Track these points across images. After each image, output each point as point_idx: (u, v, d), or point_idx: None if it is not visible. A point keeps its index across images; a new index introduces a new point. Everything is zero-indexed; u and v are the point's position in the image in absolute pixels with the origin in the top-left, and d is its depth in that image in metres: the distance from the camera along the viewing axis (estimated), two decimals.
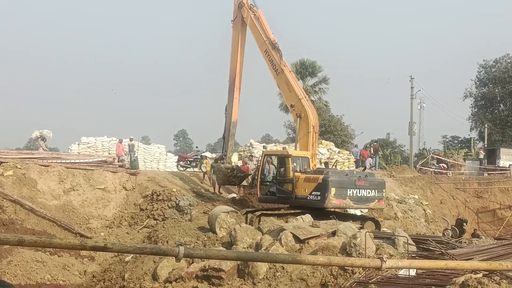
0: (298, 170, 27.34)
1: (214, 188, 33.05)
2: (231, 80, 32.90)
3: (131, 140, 39.81)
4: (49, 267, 24.21)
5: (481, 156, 54.45)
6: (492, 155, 51.68)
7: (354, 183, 25.99)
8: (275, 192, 28.17)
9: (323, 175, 26.04)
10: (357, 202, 26.09)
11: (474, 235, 33.12)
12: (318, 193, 25.86)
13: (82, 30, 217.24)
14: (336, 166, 35.19)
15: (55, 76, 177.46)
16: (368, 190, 26.23)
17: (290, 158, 27.98)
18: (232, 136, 32.24)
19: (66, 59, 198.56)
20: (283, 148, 32.90)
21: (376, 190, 26.52)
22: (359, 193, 26.03)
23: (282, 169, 28.17)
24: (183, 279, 21.27)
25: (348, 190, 25.80)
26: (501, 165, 48.88)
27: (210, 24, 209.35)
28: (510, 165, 49.03)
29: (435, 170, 47.66)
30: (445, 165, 48.96)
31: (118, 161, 37.43)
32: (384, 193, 27.36)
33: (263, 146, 40.43)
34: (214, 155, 41.11)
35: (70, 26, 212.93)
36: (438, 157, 51.22)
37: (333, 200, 25.56)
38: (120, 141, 39.76)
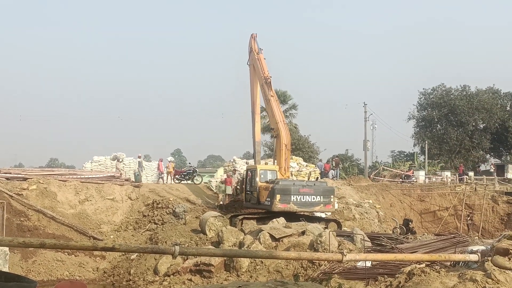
0: (265, 181, 27.53)
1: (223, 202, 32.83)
2: (252, 109, 33.08)
3: (139, 157, 39.83)
4: (67, 265, 24.07)
5: (492, 171, 56.44)
6: (501, 169, 54.69)
7: (298, 190, 26.07)
8: (250, 199, 28.48)
9: (272, 184, 26.29)
10: (301, 206, 26.16)
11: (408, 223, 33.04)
12: (269, 199, 26.11)
13: (93, 70, 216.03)
14: (309, 177, 35.47)
15: (72, 108, 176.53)
16: (312, 196, 26.26)
17: (256, 171, 28.39)
18: (258, 153, 32.09)
19: (83, 95, 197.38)
20: (265, 163, 32.94)
21: (322, 196, 26.50)
22: (303, 199, 26.10)
23: (252, 180, 28.46)
24: (179, 273, 21.25)
25: (292, 196, 25.90)
26: (509, 177, 51.22)
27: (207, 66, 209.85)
28: None
29: (404, 180, 47.72)
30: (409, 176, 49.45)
31: (160, 177, 38.24)
32: (332, 199, 27.18)
33: (246, 162, 40.47)
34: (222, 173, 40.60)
35: (80, 71, 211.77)
36: (406, 173, 51.34)
37: (278, 205, 25.78)
38: (161, 160, 39.96)
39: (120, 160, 39.38)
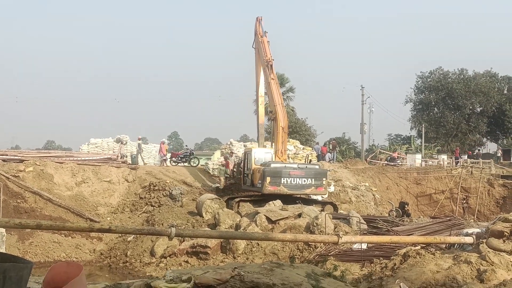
0: (260, 164, 27.56)
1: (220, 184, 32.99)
2: (256, 91, 33.25)
3: (139, 139, 39.73)
4: (64, 247, 24.11)
5: (499, 155, 57.88)
6: (507, 153, 55.38)
7: (289, 173, 26.12)
8: (247, 182, 28.56)
9: (264, 167, 26.35)
10: (291, 189, 26.15)
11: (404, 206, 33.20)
12: (260, 181, 26.19)
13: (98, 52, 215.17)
14: (307, 160, 35.46)
15: (67, 88, 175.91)
16: (303, 179, 26.28)
17: (251, 153, 28.44)
18: (261, 136, 32.16)
19: (83, 75, 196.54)
20: (265, 146, 32.96)
21: (313, 179, 26.49)
22: (294, 181, 26.12)
23: (248, 163, 28.50)
24: (176, 255, 21.31)
25: (282, 178, 25.95)
26: None
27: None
28: None
29: (388, 163, 47.89)
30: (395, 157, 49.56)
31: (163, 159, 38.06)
32: (323, 182, 27.03)
33: (244, 145, 40.48)
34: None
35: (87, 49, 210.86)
36: (392, 155, 51.41)
37: (268, 187, 25.90)
38: (162, 142, 39.95)
39: (124, 142, 39.33)
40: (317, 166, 28.90)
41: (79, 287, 3.68)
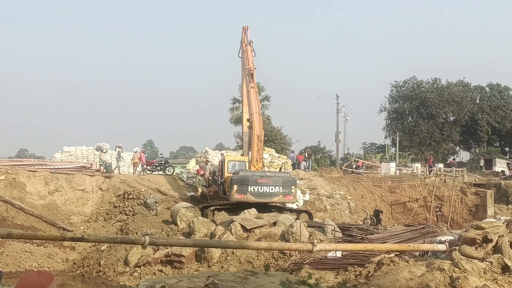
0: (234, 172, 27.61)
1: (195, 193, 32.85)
2: (242, 100, 33.57)
3: (119, 147, 39.36)
4: (36, 257, 23.70)
5: (481, 164, 58.51)
6: (489, 163, 56.48)
7: (256, 181, 26.19)
8: (221, 190, 28.64)
9: (232, 175, 26.45)
10: (258, 197, 26.18)
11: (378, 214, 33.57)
12: (229, 189, 26.30)
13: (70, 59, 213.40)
14: (282, 169, 35.50)
15: (42, 99, 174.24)
16: (271, 187, 26.31)
17: (225, 162, 28.49)
18: (245, 144, 31.95)
19: (55, 85, 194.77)
20: (240, 155, 32.93)
21: (281, 187, 26.51)
22: (261, 189, 26.18)
23: (222, 172, 28.55)
24: (150, 264, 21.14)
25: (249, 187, 26.06)
26: (496, 170, 53.49)
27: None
28: (502, 170, 53.49)
29: (353, 171, 48.29)
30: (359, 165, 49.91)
31: (143, 170, 37.63)
32: (292, 189, 26.92)
33: (221, 154, 40.44)
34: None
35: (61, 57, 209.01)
36: (357, 163, 51.90)
37: (235, 195, 26.06)
38: (143, 151, 39.70)
39: (104, 151, 38.98)
40: (287, 174, 28.85)
41: None
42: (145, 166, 38.15)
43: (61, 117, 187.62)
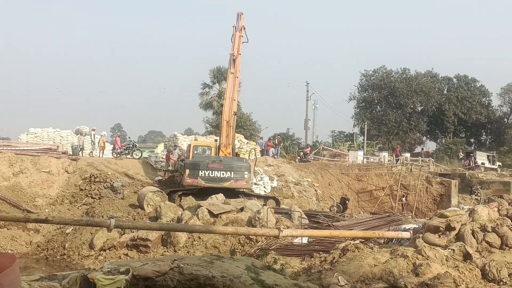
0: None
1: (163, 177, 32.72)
2: None
3: (93, 130, 38.81)
4: None
5: (461, 157, 59.30)
6: (469, 156, 56.39)
7: (207, 166, 26.45)
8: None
9: (184, 159, 26.69)
10: (209, 182, 26.42)
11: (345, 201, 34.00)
12: (183, 173, 26.65)
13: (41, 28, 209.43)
14: (250, 155, 35.54)
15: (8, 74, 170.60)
16: (222, 172, 26.51)
17: (190, 147, 28.54)
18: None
19: (21, 65, 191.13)
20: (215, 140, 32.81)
21: (232, 172, 26.66)
22: (212, 174, 26.42)
23: (188, 157, 28.52)
24: (116, 248, 21.06)
25: (200, 171, 26.33)
26: (477, 163, 53.76)
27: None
28: (482, 163, 54.40)
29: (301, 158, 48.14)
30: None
31: (116, 154, 36.72)
32: (246, 175, 26.92)
33: (195, 138, 40.29)
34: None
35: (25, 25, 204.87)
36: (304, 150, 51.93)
37: (187, 180, 26.42)
38: (118, 136, 39.07)
39: (84, 134, 38.40)
40: (242, 159, 28.68)
41: (12, 279, 3.59)
42: (119, 150, 37.54)
43: (27, 98, 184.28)
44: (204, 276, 7.16)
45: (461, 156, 59.63)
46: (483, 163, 54.52)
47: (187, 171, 26.44)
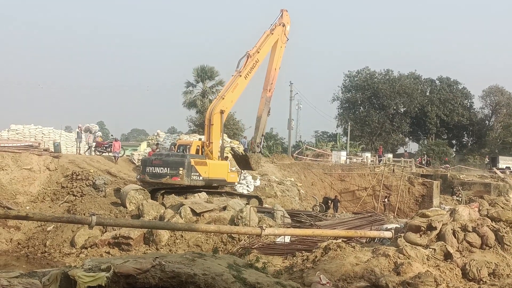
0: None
1: None
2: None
3: (79, 128, 38.30)
4: None
5: (486, 162, 61.26)
6: (494, 160, 59.06)
7: (152, 162, 27.01)
8: None
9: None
10: (152, 178, 26.93)
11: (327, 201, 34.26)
12: None
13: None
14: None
15: None
16: (161, 168, 26.68)
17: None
18: (256, 129, 31.29)
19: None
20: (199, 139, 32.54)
21: (169, 168, 26.63)
22: (154, 170, 26.74)
23: None
24: (97, 246, 20.97)
25: (147, 167, 26.94)
26: (500, 167, 54.86)
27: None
28: (506, 167, 55.22)
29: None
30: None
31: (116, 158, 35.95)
32: (181, 171, 26.30)
33: (180, 137, 40.08)
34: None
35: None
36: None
37: (140, 175, 27.56)
38: (116, 140, 38.45)
39: (93, 131, 37.92)
40: (183, 156, 27.53)
41: None
42: (117, 154, 36.44)
43: (8, 94, 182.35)
44: (186, 274, 7.13)
45: (487, 162, 61.07)
46: (507, 167, 55.29)
47: (141, 167, 27.61)
